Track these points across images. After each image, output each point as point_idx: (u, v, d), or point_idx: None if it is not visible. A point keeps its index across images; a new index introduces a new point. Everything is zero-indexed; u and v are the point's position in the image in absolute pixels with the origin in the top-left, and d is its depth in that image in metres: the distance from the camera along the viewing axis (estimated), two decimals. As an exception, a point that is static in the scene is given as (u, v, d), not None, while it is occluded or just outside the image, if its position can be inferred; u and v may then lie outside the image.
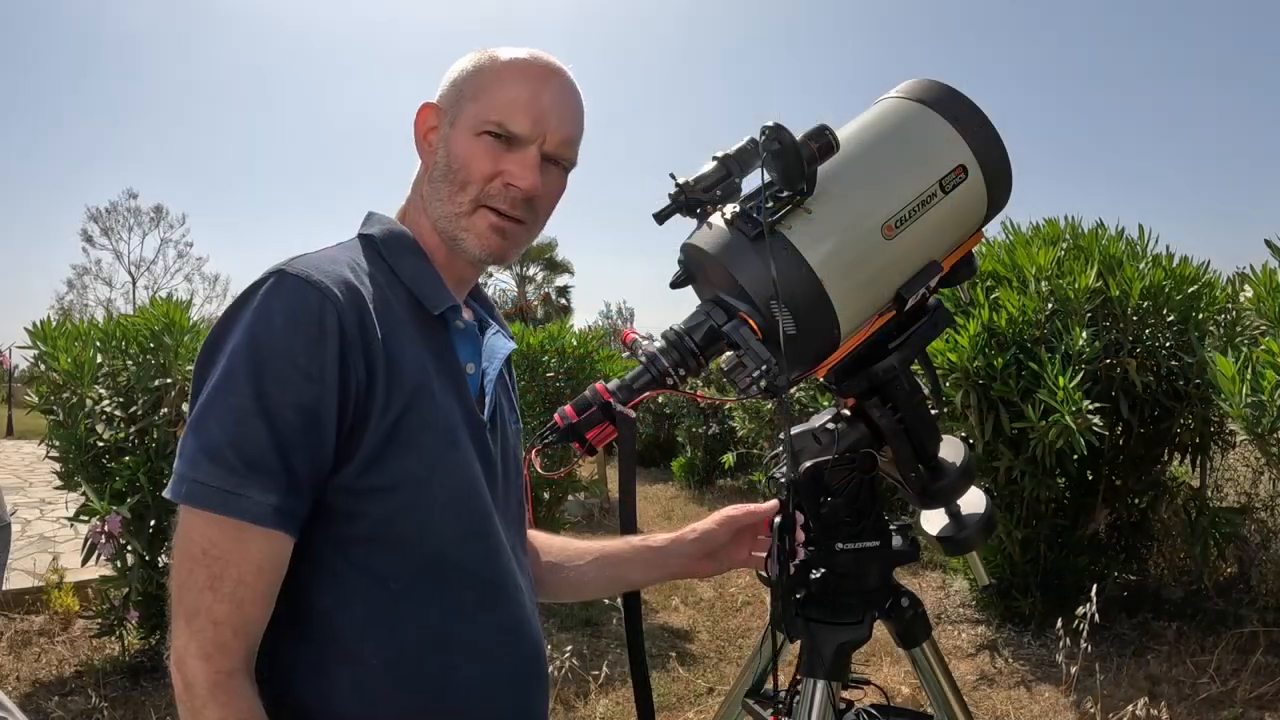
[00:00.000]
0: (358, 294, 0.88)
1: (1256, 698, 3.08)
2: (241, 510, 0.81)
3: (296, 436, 0.83)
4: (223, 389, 0.82)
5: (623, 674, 3.47)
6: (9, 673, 3.55)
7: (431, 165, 0.99)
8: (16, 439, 14.29)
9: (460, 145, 0.96)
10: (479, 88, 0.97)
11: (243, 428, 0.81)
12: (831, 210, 1.02)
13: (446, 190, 0.97)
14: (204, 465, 0.81)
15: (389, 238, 0.99)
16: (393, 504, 0.89)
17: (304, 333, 0.83)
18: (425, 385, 0.91)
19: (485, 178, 0.95)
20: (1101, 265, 3.62)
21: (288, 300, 0.84)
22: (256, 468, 0.81)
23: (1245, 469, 4.40)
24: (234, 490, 0.81)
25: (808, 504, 1.14)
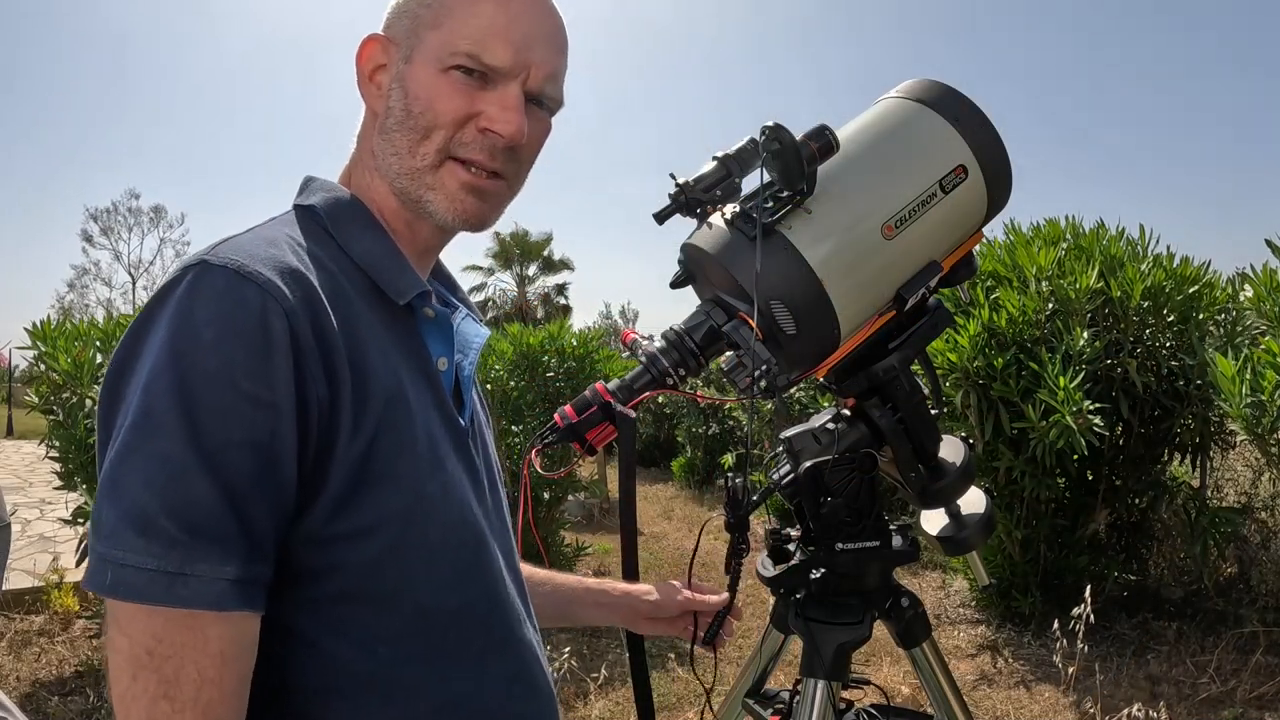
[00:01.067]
0: (307, 284, 0.69)
1: (1256, 698, 3.08)
2: (192, 597, 0.61)
3: (250, 483, 0.63)
4: (142, 432, 0.62)
5: (622, 675, 3.47)
6: (9, 673, 3.55)
7: (383, 112, 0.79)
8: (16, 439, 14.29)
9: (421, 83, 0.77)
10: (441, 11, 0.78)
11: (177, 483, 0.61)
12: (831, 210, 1.02)
13: (405, 140, 0.78)
14: (131, 541, 0.61)
15: (334, 208, 0.80)
16: (372, 549, 0.70)
17: (244, 344, 0.63)
18: (399, 395, 0.73)
19: (456, 122, 0.77)
20: (1102, 265, 3.62)
21: (217, 302, 0.64)
22: (204, 534, 0.61)
23: (1245, 469, 4.40)
24: (177, 570, 0.61)
25: (808, 504, 1.14)
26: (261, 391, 0.63)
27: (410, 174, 0.79)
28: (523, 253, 30.46)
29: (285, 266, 0.68)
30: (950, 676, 1.25)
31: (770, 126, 0.98)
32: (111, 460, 0.63)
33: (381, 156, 0.80)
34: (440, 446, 0.77)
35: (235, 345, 0.63)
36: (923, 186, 1.06)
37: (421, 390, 0.77)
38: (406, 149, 0.78)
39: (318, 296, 0.69)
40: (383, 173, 0.81)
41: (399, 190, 0.80)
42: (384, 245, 0.79)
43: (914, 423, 1.16)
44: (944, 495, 1.19)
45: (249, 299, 0.64)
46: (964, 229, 1.14)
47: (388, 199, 0.82)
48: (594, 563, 5.39)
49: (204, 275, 0.65)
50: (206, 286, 0.65)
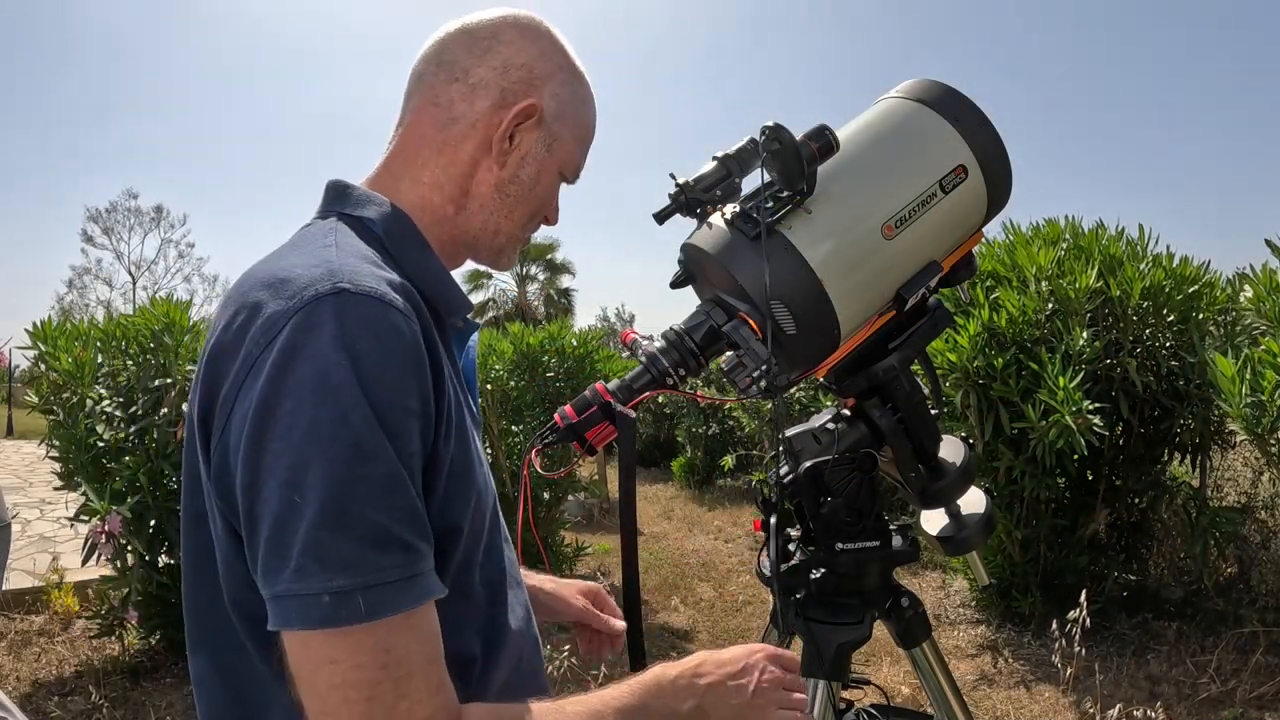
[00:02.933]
0: (418, 304, 0.76)
1: (1256, 698, 3.08)
2: (426, 590, 0.69)
3: (417, 489, 0.72)
4: (360, 463, 0.66)
5: (622, 674, 3.46)
6: (9, 673, 3.55)
7: (509, 175, 0.89)
8: (16, 439, 14.29)
9: (550, 177, 0.92)
10: (580, 124, 0.93)
11: (401, 498, 0.68)
12: (831, 210, 1.03)
13: (522, 214, 0.91)
14: (377, 561, 0.66)
15: (393, 227, 0.84)
16: (460, 541, 0.79)
17: (407, 368, 0.70)
18: (459, 400, 0.81)
19: (546, 215, 0.95)
20: (1102, 265, 3.62)
21: (375, 330, 0.69)
22: (424, 536, 0.70)
23: (1245, 469, 4.40)
24: (413, 573, 0.68)
25: (808, 504, 1.14)
26: (418, 405, 0.71)
27: (509, 236, 0.92)
28: (524, 254, 30.46)
29: (400, 285, 0.75)
30: (950, 676, 1.25)
31: (770, 126, 0.98)
32: (326, 497, 0.65)
33: (489, 209, 0.89)
34: (474, 440, 0.86)
35: (404, 370, 0.70)
36: (923, 187, 1.06)
37: (460, 391, 0.86)
38: (521, 222, 0.92)
39: (424, 312, 0.77)
40: (477, 216, 0.89)
41: (491, 243, 0.92)
42: (438, 268, 0.86)
43: (914, 423, 1.16)
44: (944, 495, 1.19)
45: (400, 327, 0.70)
46: (964, 229, 1.14)
47: (448, 227, 0.89)
48: (594, 563, 5.39)
49: (352, 304, 0.69)
50: (359, 316, 0.69)
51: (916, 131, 1.10)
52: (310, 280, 0.70)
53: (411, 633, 0.68)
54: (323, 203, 0.88)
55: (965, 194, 1.09)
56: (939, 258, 1.11)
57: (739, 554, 5.65)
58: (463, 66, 0.87)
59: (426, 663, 0.69)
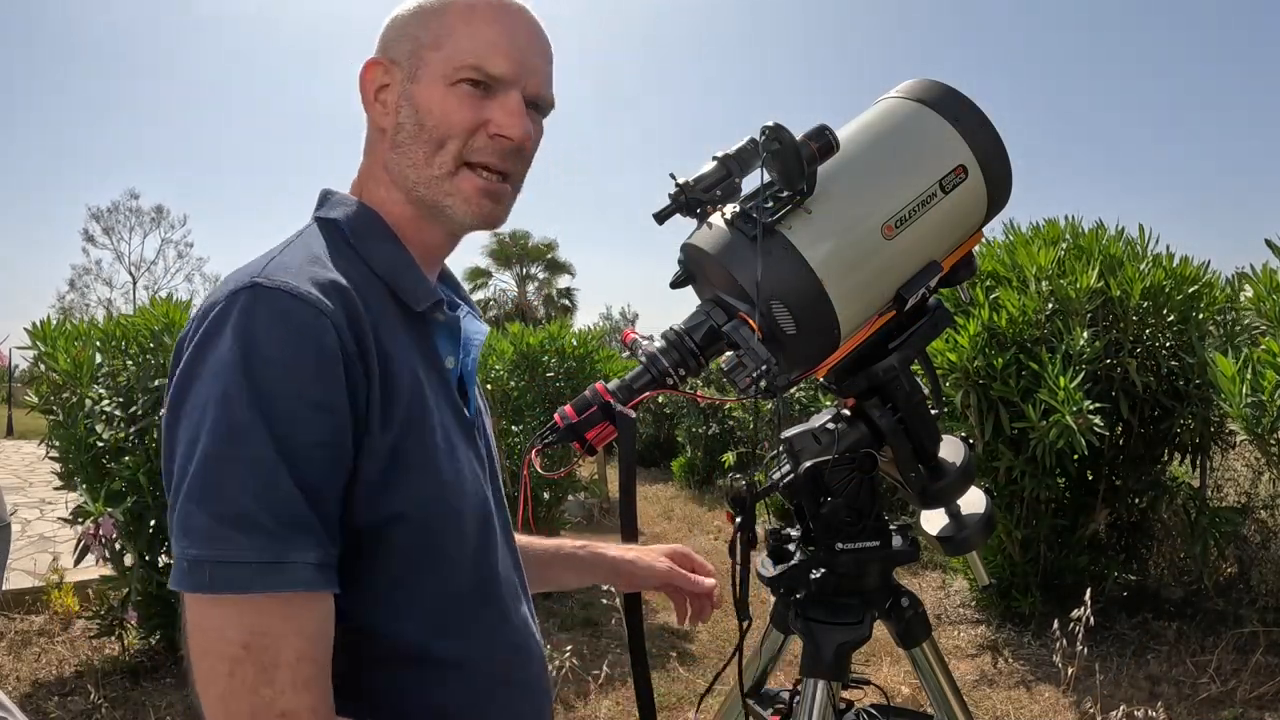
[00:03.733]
0: (347, 298, 0.77)
1: (1256, 698, 3.08)
2: (289, 582, 0.69)
3: (322, 478, 0.72)
4: (230, 442, 0.69)
5: (623, 674, 3.47)
6: (9, 673, 3.55)
7: (393, 128, 0.86)
8: (16, 439, 14.28)
9: (431, 98, 0.84)
10: (441, 33, 0.85)
11: (270, 482, 0.69)
12: (831, 210, 1.02)
13: (421, 152, 0.85)
14: (233, 538, 0.68)
15: (356, 221, 0.87)
16: (403, 533, 0.79)
17: (306, 359, 0.72)
18: (419, 393, 0.81)
19: (467, 130, 0.84)
20: (1102, 265, 3.62)
21: (277, 322, 0.72)
22: (294, 526, 0.70)
23: (1245, 469, 4.40)
24: (276, 560, 0.69)
25: (808, 504, 1.14)
26: (323, 398, 0.72)
27: (428, 183, 0.86)
28: (523, 253, 30.46)
29: (328, 282, 0.76)
30: (950, 676, 1.25)
31: (770, 126, 0.98)
32: (199, 468, 0.70)
33: (396, 169, 0.87)
34: (453, 436, 0.85)
35: (299, 361, 0.72)
36: (923, 187, 1.06)
37: (436, 387, 0.85)
38: (423, 160, 0.85)
39: (355, 308, 0.77)
40: (399, 184, 0.87)
41: (418, 198, 0.87)
42: (402, 256, 0.87)
43: (914, 423, 1.16)
44: (944, 495, 1.19)
45: (305, 318, 0.72)
46: (964, 229, 1.14)
47: (402, 208, 0.88)
48: (594, 563, 5.38)
49: (260, 297, 0.72)
50: (265, 308, 0.72)
51: (916, 131, 1.10)
52: (240, 277, 0.76)
53: (285, 623, 0.69)
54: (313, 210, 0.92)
55: (965, 194, 1.09)
56: (939, 258, 1.11)
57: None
58: None
59: (298, 658, 0.70)
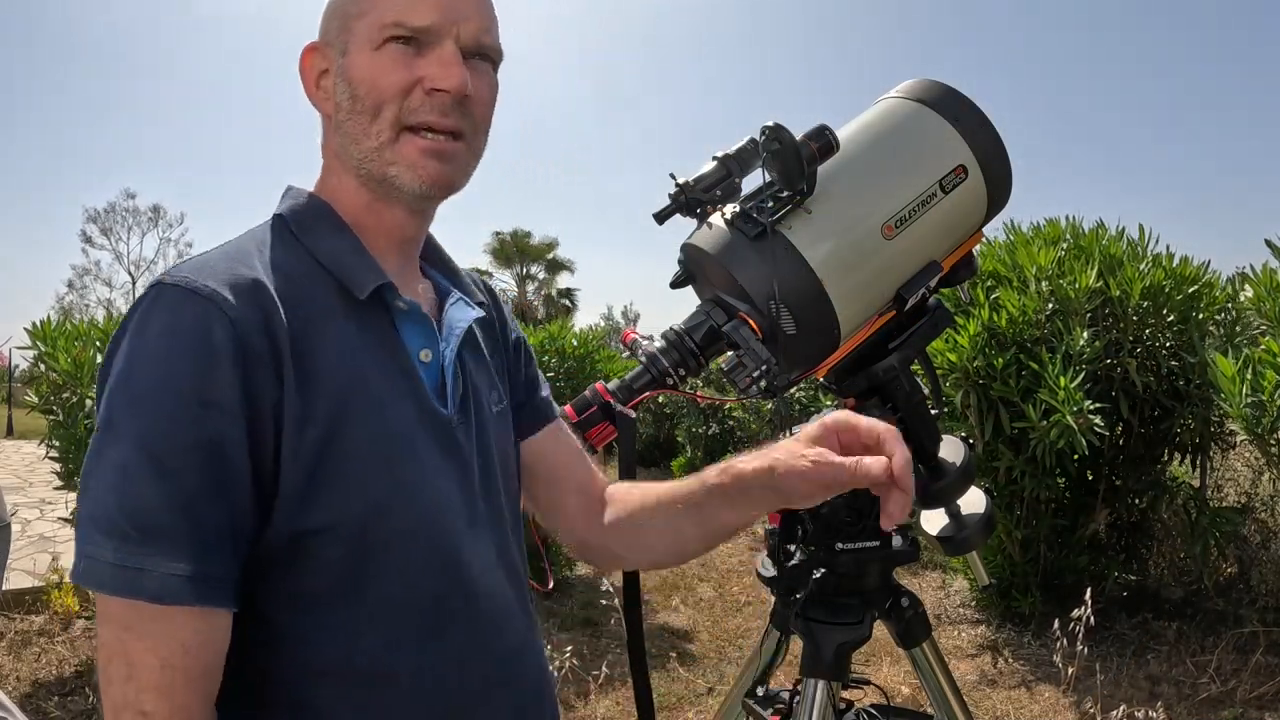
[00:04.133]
0: (260, 293, 0.72)
1: (1256, 698, 3.08)
2: (144, 588, 0.66)
3: (200, 484, 0.67)
4: (104, 439, 0.68)
5: (623, 674, 3.47)
6: (9, 673, 3.55)
7: (334, 110, 0.82)
8: (16, 439, 14.27)
9: (359, 67, 0.79)
10: (364, 1, 0.80)
11: (131, 485, 0.66)
12: (832, 210, 1.03)
13: (358, 126, 0.80)
14: (97, 537, 0.67)
15: (301, 213, 0.83)
16: (338, 543, 0.73)
17: (188, 355, 0.68)
18: (360, 390, 0.75)
19: (401, 91, 0.78)
20: (1102, 265, 3.62)
21: (165, 318, 0.69)
22: (154, 533, 0.66)
23: (1245, 469, 4.39)
24: (135, 566, 0.66)
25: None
26: (206, 396, 0.68)
27: (371, 154, 0.80)
28: (523, 253, 30.47)
29: (236, 278, 0.72)
30: (950, 676, 1.25)
31: (770, 126, 0.98)
32: (84, 463, 0.70)
33: (343, 153, 0.82)
34: (416, 439, 0.78)
35: (181, 356, 0.68)
36: (923, 187, 1.06)
37: (395, 383, 0.79)
38: (361, 132, 0.80)
39: (271, 303, 0.72)
40: (348, 167, 0.82)
41: (365, 176, 0.81)
42: (346, 243, 0.81)
43: (914, 423, 1.16)
44: (944, 495, 1.19)
45: (194, 312, 0.69)
46: (964, 229, 1.14)
47: (357, 194, 0.83)
48: (594, 563, 5.38)
49: (159, 295, 0.71)
50: (160, 304, 0.70)
51: (916, 131, 1.10)
52: (157, 276, 0.75)
53: (146, 629, 0.67)
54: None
55: (965, 194, 1.09)
56: (939, 258, 1.11)
57: (739, 554, 5.65)
58: None
59: (161, 664, 0.67)
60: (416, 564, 0.77)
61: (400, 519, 0.76)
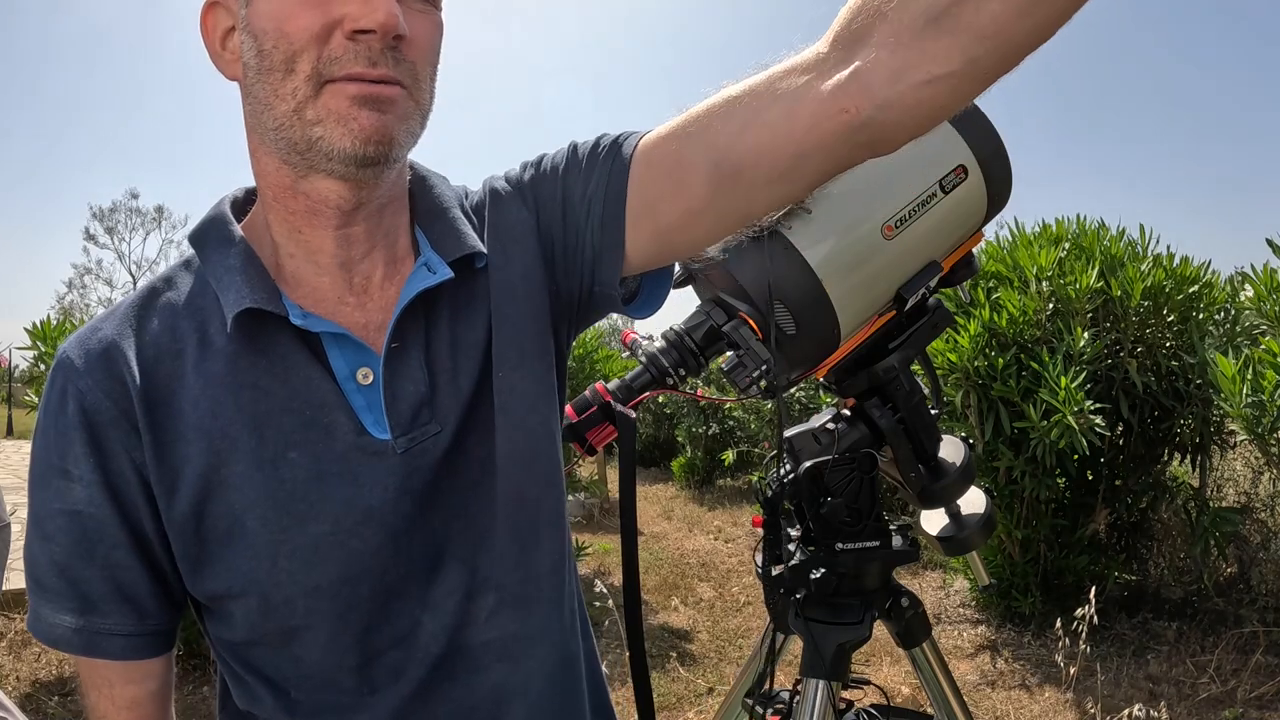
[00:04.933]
0: (111, 355, 0.69)
1: (1256, 698, 3.08)
2: (45, 633, 0.74)
3: (71, 547, 0.71)
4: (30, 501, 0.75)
5: (623, 674, 3.47)
6: (9, 673, 3.55)
7: (243, 72, 0.66)
8: (16, 439, 14.28)
9: (264, 15, 0.63)
10: None
11: (27, 545, 0.74)
12: (831, 210, 1.03)
13: (269, 87, 0.63)
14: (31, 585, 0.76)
15: (197, 237, 0.74)
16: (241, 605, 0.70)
17: (54, 423, 0.71)
18: (232, 448, 0.67)
19: (316, 38, 0.62)
20: (1103, 265, 3.62)
21: (46, 389, 0.73)
22: (42, 587, 0.73)
23: (1245, 469, 4.39)
24: (35, 606, 0.74)
25: (808, 504, 1.14)
26: (69, 466, 0.70)
27: (286, 120, 0.64)
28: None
29: (95, 343, 0.71)
30: (950, 676, 1.25)
31: (770, 126, 0.98)
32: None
33: (257, 125, 0.67)
34: (326, 481, 0.68)
35: (45, 430, 0.71)
36: (922, 187, 1.06)
37: (300, 424, 0.68)
38: (273, 94, 0.63)
39: (123, 364, 0.69)
40: (265, 142, 0.67)
41: (285, 148, 0.65)
42: (229, 264, 0.69)
43: (914, 423, 1.16)
44: (944, 495, 1.19)
45: (57, 385, 0.71)
46: (964, 229, 1.14)
47: (279, 174, 0.68)
48: (594, 563, 5.39)
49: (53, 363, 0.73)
50: (50, 374, 0.73)
51: (916, 131, 1.10)
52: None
53: (84, 667, 0.76)
54: None
55: (965, 194, 1.09)
56: (939, 258, 1.11)
57: (739, 554, 5.65)
58: None
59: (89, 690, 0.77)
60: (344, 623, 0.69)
61: (312, 575, 0.68)
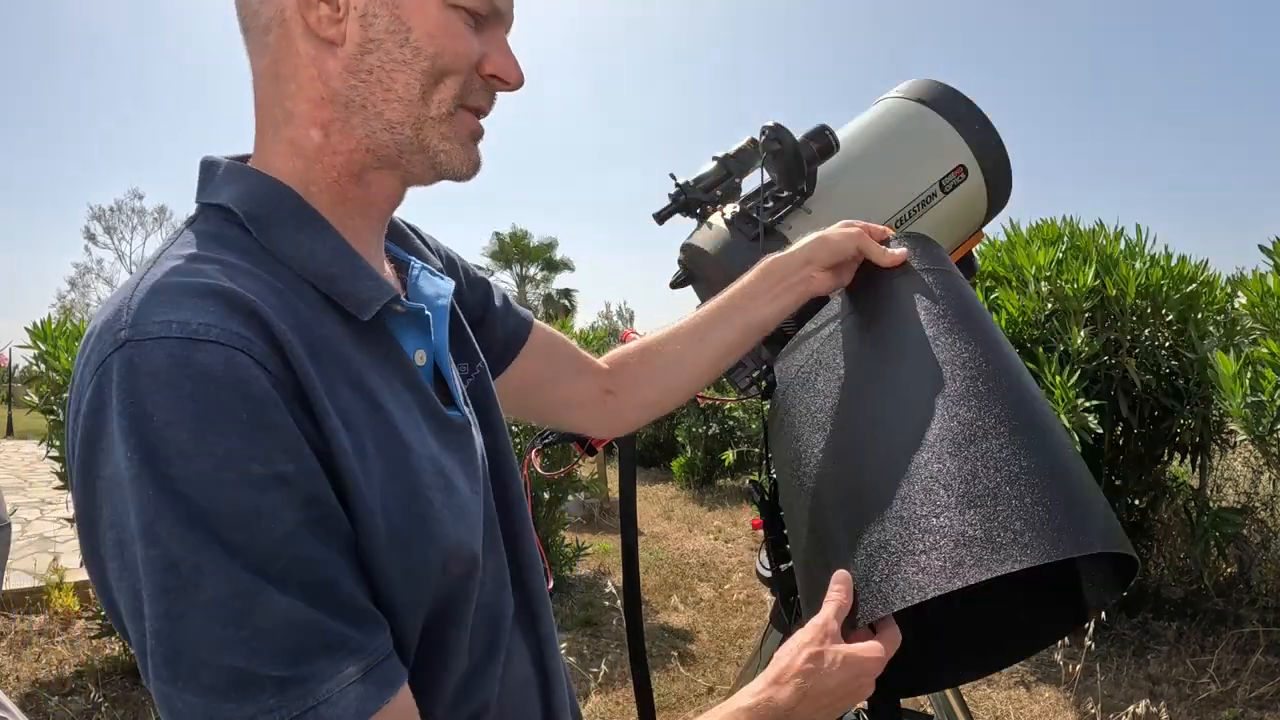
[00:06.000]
0: (262, 318, 0.54)
1: (1256, 698, 3.08)
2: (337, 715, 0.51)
3: (321, 565, 0.52)
4: (178, 591, 0.49)
5: (622, 674, 3.47)
6: (9, 673, 3.54)
7: (358, 43, 0.62)
8: (16, 439, 14.28)
9: (429, 17, 0.62)
10: None
11: (253, 618, 0.49)
12: (832, 210, 1.03)
13: (414, 83, 0.63)
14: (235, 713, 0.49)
15: (255, 204, 0.62)
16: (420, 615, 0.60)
17: (230, 423, 0.50)
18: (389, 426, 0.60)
19: (471, 66, 0.65)
20: (1099, 265, 3.63)
21: (173, 387, 0.49)
22: (309, 653, 0.51)
23: (1245, 469, 4.39)
24: (303, 709, 0.50)
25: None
26: (278, 466, 0.51)
27: (421, 122, 0.64)
28: (522, 253, 30.46)
29: (230, 301, 0.54)
30: (950, 676, 1.25)
31: (770, 126, 0.98)
32: (152, 637, 0.50)
33: (362, 99, 0.63)
34: (443, 463, 0.64)
35: (222, 431, 0.50)
36: (923, 186, 1.07)
37: (405, 403, 0.63)
38: (418, 95, 0.63)
39: (272, 326, 0.54)
40: (353, 120, 0.64)
41: (388, 139, 0.64)
42: (331, 246, 0.63)
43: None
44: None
45: (211, 367, 0.50)
46: (964, 228, 1.14)
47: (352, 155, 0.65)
48: (594, 563, 5.39)
49: (138, 359, 0.50)
50: (149, 373, 0.50)
51: (917, 131, 1.10)
52: (102, 329, 0.53)
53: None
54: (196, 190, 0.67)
55: (965, 194, 1.09)
56: (939, 258, 1.11)
57: (739, 554, 5.65)
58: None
59: None
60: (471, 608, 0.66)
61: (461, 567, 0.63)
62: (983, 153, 1.10)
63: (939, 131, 1.10)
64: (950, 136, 1.09)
